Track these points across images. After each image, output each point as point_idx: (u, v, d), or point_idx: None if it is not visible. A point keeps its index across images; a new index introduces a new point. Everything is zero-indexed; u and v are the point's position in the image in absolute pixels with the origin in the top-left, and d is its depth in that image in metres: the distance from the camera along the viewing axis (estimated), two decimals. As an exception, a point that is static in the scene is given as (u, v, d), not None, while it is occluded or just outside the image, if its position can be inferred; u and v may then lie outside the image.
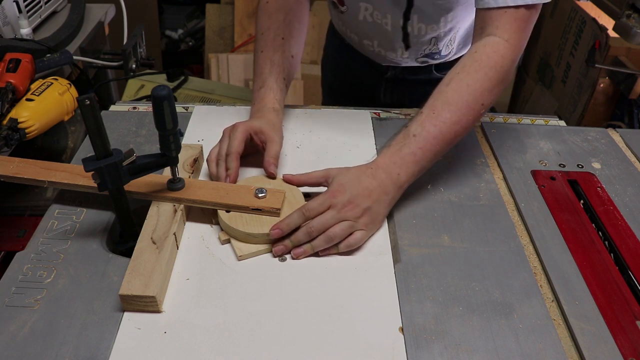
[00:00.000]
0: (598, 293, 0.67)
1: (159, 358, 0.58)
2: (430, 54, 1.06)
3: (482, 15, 0.79)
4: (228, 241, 0.72)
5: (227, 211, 0.73)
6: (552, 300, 0.67)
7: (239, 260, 0.70)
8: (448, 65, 1.07)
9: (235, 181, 0.78)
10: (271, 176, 0.80)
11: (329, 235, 0.69)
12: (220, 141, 0.83)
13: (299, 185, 0.79)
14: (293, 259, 0.71)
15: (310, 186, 0.78)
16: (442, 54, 1.06)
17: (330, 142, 0.93)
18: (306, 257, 0.71)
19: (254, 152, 0.84)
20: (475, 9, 0.81)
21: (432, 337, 0.61)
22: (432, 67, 1.10)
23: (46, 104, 0.90)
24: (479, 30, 0.80)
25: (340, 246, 0.71)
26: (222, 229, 0.74)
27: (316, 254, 0.71)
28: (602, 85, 1.89)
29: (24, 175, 0.76)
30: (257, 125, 0.83)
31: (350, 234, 0.71)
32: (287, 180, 0.79)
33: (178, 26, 3.06)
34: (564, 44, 2.19)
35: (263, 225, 0.71)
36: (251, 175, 0.83)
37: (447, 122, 0.75)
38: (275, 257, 0.71)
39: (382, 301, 0.65)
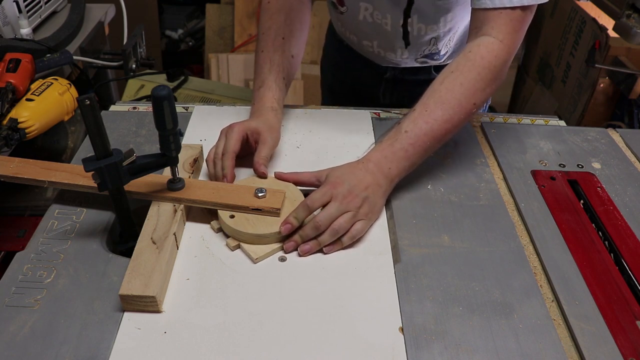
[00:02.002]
0: (598, 293, 0.67)
1: (159, 358, 0.58)
2: (430, 54, 1.06)
3: (478, 15, 0.80)
4: (238, 247, 0.72)
5: (231, 217, 0.73)
6: (552, 300, 0.67)
7: (255, 262, 0.70)
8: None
9: (232, 180, 0.78)
10: (262, 176, 0.80)
11: (334, 228, 0.70)
12: (218, 141, 0.83)
13: (291, 183, 0.80)
14: (300, 256, 0.71)
15: (301, 185, 0.79)
16: (441, 54, 1.06)
17: (330, 142, 0.93)
18: (311, 254, 0.71)
19: (250, 152, 0.85)
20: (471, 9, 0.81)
21: (432, 337, 0.61)
22: (431, 68, 1.10)
23: (46, 104, 0.90)
24: (474, 30, 0.81)
25: (344, 239, 0.71)
26: (228, 236, 0.73)
27: (320, 251, 0.71)
28: (602, 85, 1.89)
29: (24, 175, 0.76)
30: (254, 125, 0.83)
31: (352, 225, 0.72)
32: (279, 177, 0.80)
33: (178, 26, 3.06)
34: (564, 44, 2.19)
35: (271, 224, 0.71)
36: (248, 176, 0.83)
37: (439, 119, 0.76)
38: (286, 253, 0.71)
39: (382, 301, 0.65)
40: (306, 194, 0.76)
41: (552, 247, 0.74)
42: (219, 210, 0.74)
